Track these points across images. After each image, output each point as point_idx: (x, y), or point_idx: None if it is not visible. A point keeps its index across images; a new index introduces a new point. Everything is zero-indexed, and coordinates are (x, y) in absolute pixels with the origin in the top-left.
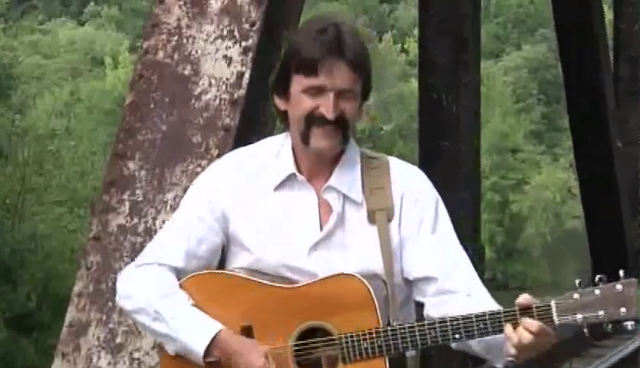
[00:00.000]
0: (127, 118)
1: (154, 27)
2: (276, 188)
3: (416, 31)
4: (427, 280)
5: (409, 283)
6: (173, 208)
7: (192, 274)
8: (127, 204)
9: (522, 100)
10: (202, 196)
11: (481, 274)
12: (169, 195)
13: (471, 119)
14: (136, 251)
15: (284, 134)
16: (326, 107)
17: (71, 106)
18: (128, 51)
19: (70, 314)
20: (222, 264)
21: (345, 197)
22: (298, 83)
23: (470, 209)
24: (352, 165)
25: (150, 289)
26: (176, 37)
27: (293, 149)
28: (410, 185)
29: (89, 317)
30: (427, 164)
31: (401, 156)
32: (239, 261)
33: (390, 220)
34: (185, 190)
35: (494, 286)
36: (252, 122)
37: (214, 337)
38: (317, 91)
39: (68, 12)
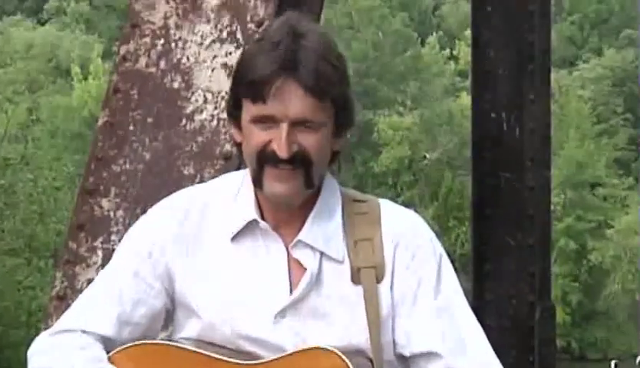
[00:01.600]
0: (99, 143)
1: (134, 28)
2: (234, 239)
3: (468, 33)
4: (427, 357)
5: (404, 359)
6: None
7: (125, 345)
8: (100, 253)
9: (603, 121)
10: (141, 247)
11: (551, 342)
12: None
13: (539, 145)
14: None
15: (245, 170)
16: (278, 142)
17: (29, 129)
18: (101, 58)
19: None
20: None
21: (322, 254)
22: (247, 110)
23: (537, 259)
24: (331, 213)
25: (70, 363)
26: (162, 41)
27: (255, 191)
28: (406, 236)
29: None
30: (482, 202)
31: (450, 192)
32: (186, 330)
33: (379, 280)
34: None
35: (568, 357)
36: None
37: None
38: (268, 122)
39: (24, 9)
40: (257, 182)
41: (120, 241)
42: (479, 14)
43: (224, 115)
